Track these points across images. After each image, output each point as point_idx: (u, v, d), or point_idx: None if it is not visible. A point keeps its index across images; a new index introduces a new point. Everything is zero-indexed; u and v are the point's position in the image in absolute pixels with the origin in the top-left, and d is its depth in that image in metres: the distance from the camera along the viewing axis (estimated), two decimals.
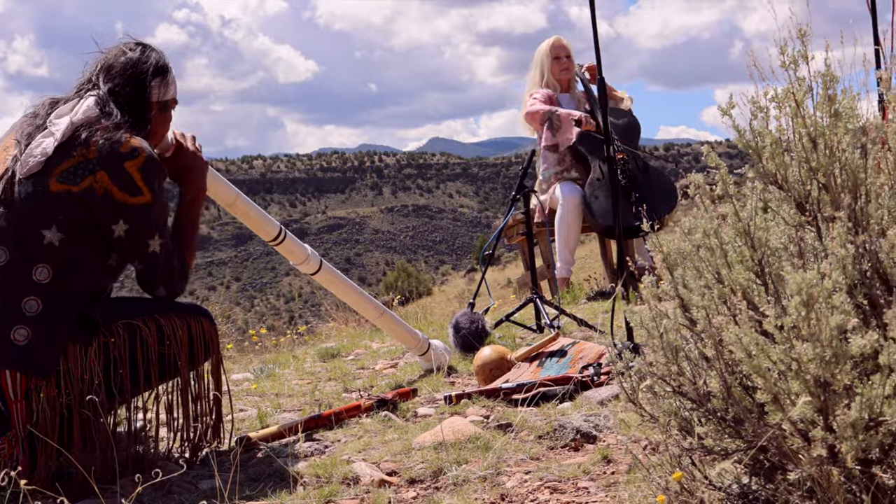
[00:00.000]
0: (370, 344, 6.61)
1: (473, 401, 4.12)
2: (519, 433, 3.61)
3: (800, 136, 2.07)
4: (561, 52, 7.50)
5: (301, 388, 5.02)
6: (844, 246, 1.97)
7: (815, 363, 1.83)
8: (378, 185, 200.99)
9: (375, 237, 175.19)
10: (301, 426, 3.78)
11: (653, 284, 2.41)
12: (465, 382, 4.84)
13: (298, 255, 4.41)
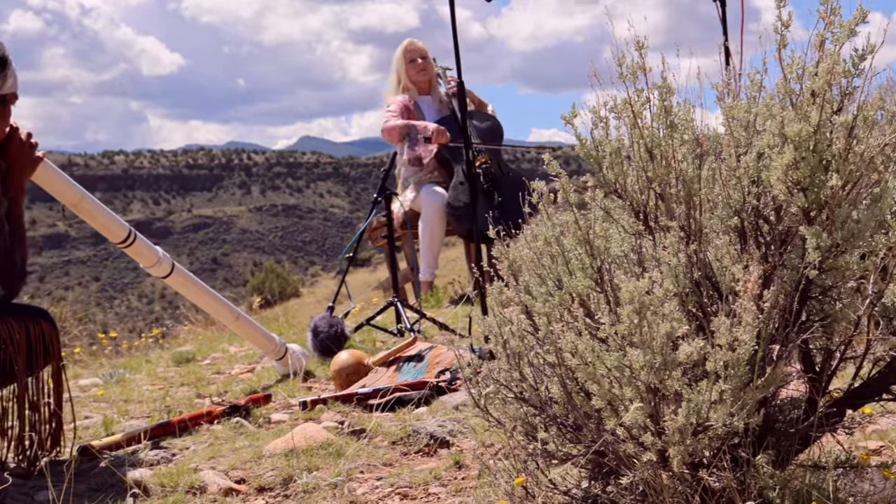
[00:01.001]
0: (228, 348, 6.54)
1: (329, 406, 4.12)
2: (373, 439, 3.63)
3: (637, 146, 2.14)
4: (415, 55, 7.52)
5: (152, 394, 4.94)
6: (677, 255, 2.05)
7: (645, 370, 1.90)
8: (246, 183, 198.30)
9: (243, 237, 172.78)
10: (147, 433, 3.72)
11: (499, 291, 2.46)
12: (322, 387, 4.84)
13: (149, 258, 4.34)
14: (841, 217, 1.99)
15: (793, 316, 2.05)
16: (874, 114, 2.04)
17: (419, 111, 7.41)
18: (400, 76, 7.52)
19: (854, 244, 2.03)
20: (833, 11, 1.96)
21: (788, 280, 2.08)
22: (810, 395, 2.30)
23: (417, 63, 7.50)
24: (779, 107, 2.00)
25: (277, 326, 7.37)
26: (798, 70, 1.98)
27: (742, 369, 1.90)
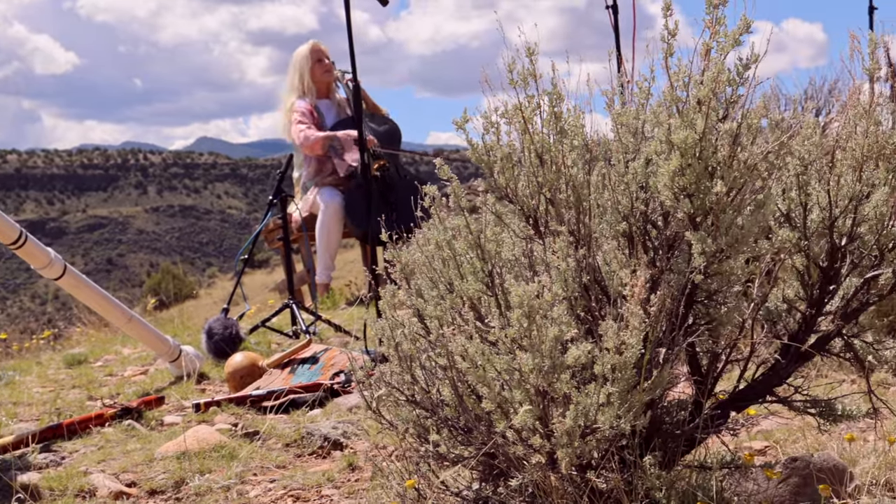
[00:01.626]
0: (121, 349, 6.40)
1: (223, 408, 4.06)
2: (266, 441, 3.58)
3: (528, 151, 2.14)
4: (322, 55, 7.46)
5: (42, 397, 4.80)
6: (566, 259, 2.05)
7: (534, 373, 1.90)
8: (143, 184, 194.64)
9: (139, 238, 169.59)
10: (36, 436, 3.61)
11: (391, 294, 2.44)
12: (216, 389, 4.76)
13: (40, 260, 4.22)
14: (725, 223, 2.02)
15: (679, 320, 2.07)
16: (758, 122, 2.07)
17: (319, 114, 7.34)
18: (303, 76, 7.42)
19: (738, 249, 2.06)
20: (718, 21, 1.99)
21: (675, 284, 2.10)
22: (697, 397, 2.33)
23: (325, 63, 7.43)
24: (666, 114, 2.02)
25: (172, 328, 7.24)
26: (684, 78, 2.00)
27: (629, 372, 1.91)
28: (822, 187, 2.28)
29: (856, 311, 2.37)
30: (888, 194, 2.26)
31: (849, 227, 2.29)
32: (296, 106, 7.34)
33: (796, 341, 2.36)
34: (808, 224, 2.31)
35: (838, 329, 2.37)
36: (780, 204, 2.31)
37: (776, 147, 2.03)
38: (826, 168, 2.28)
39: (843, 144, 2.29)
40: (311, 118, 7.27)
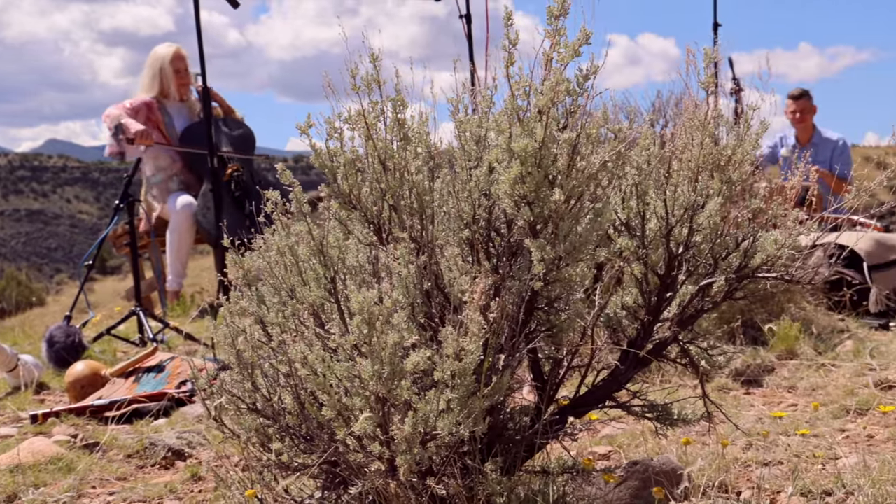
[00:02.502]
0: None
1: (62, 419, 3.94)
2: (107, 452, 3.48)
3: (371, 158, 2.14)
4: (181, 66, 7.31)
5: None
6: (407, 266, 2.06)
7: (374, 380, 1.90)
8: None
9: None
10: None
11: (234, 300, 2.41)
12: (56, 400, 4.61)
13: None
14: (564, 230, 2.05)
15: (519, 326, 2.10)
16: (597, 131, 2.12)
17: (167, 116, 7.19)
18: (157, 78, 7.25)
19: (577, 257, 2.10)
20: (559, 32, 2.02)
21: (516, 291, 2.13)
22: (538, 402, 2.37)
23: (182, 75, 7.29)
24: (507, 122, 2.05)
25: (13, 336, 6.98)
26: (525, 87, 2.03)
27: (469, 378, 1.93)
28: (659, 197, 2.34)
29: (691, 317, 2.45)
30: (722, 204, 2.34)
31: (685, 235, 2.36)
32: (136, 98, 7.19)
33: (635, 347, 2.42)
34: (647, 232, 2.37)
35: (675, 335, 2.44)
36: (620, 212, 2.37)
37: (613, 156, 2.08)
38: (663, 178, 2.34)
39: (680, 155, 2.36)
40: (147, 111, 7.11)
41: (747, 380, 4.32)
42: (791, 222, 2.37)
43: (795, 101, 8.18)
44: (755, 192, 2.43)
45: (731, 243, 2.39)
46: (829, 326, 5.31)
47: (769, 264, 2.38)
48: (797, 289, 5.14)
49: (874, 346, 4.93)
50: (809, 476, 2.80)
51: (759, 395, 4.08)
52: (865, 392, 3.94)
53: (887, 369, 4.35)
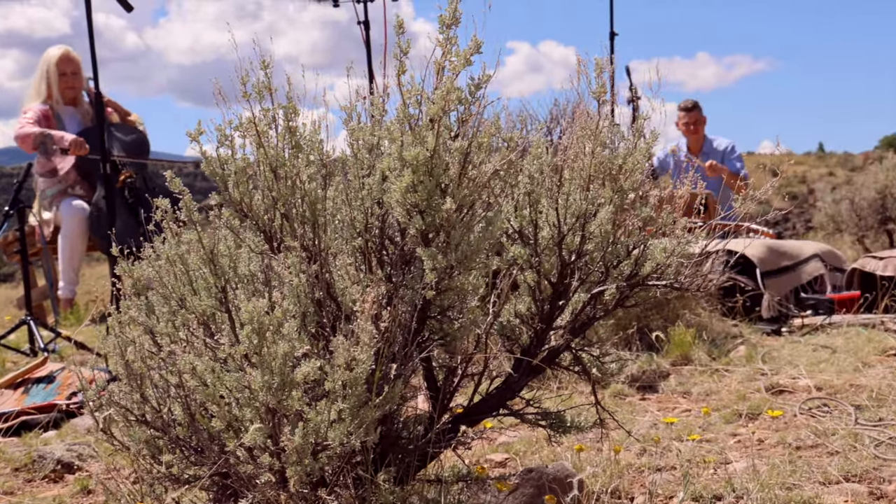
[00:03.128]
0: None
1: None
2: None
3: (262, 165, 2.13)
4: (68, 69, 7.15)
5: None
6: (298, 275, 2.05)
7: (264, 391, 1.88)
8: None
9: None
10: None
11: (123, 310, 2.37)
12: None
13: None
14: (456, 239, 2.06)
15: (412, 335, 2.10)
16: (488, 140, 2.13)
17: (59, 121, 7.04)
18: (50, 84, 7.10)
19: (469, 266, 2.11)
20: (450, 41, 2.03)
21: (409, 300, 2.13)
22: (432, 411, 2.37)
23: (68, 78, 7.13)
24: (399, 131, 2.05)
25: None
26: (417, 96, 2.03)
27: (360, 388, 1.93)
28: (551, 206, 2.37)
29: (584, 325, 2.47)
30: (613, 213, 2.38)
31: (577, 244, 2.38)
32: (29, 106, 7.04)
33: (528, 355, 2.44)
34: (539, 241, 2.40)
35: (567, 343, 2.47)
36: (513, 221, 2.39)
37: (505, 165, 2.10)
38: (555, 187, 2.37)
39: (572, 164, 2.39)
40: (45, 122, 6.97)
41: (643, 385, 4.39)
42: (679, 230, 2.41)
43: (688, 113, 8.35)
44: (647, 200, 2.47)
45: (623, 251, 2.43)
46: (723, 332, 5.43)
47: (659, 272, 2.42)
48: (692, 295, 5.25)
49: (766, 351, 5.05)
50: (701, 481, 2.86)
51: (654, 401, 4.15)
52: (757, 397, 4.04)
53: (778, 374, 4.47)
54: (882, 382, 4.08)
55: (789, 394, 4.15)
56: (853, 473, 2.89)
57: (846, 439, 3.26)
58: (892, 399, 3.82)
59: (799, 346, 5.27)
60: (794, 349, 5.16)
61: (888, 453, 3.09)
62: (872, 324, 5.58)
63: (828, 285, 6.60)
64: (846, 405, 3.77)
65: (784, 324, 5.94)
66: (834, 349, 5.00)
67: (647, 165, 2.44)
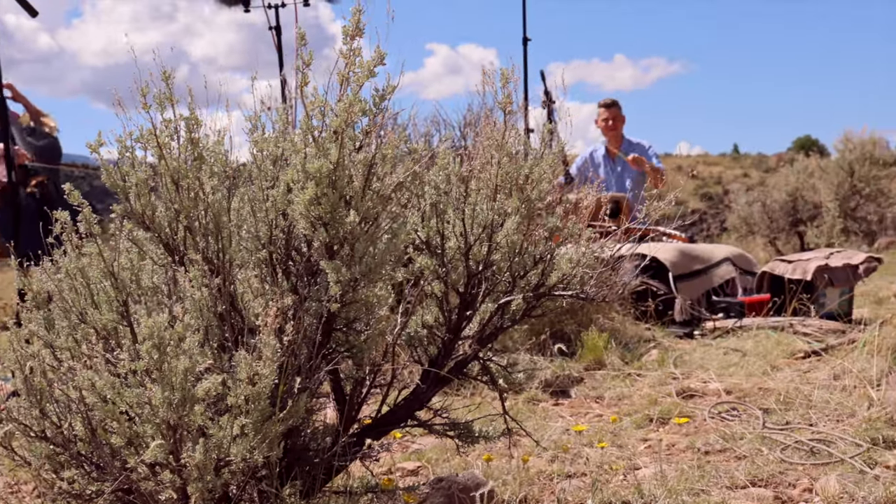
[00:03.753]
0: None
1: None
2: None
3: (164, 177, 2.10)
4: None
5: None
6: (201, 288, 2.03)
7: (164, 406, 1.86)
8: None
9: None
10: None
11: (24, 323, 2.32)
12: None
13: None
14: (360, 252, 2.06)
15: (317, 348, 2.09)
16: (393, 152, 2.13)
17: None
18: None
19: (373, 278, 2.10)
20: (354, 52, 2.03)
21: (315, 312, 2.12)
22: (339, 424, 2.36)
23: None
24: (302, 143, 2.04)
25: None
26: (320, 107, 2.03)
27: (263, 403, 1.91)
28: (458, 216, 2.37)
29: (491, 335, 2.49)
30: (520, 223, 2.39)
31: (484, 254, 2.40)
32: None
33: (436, 366, 2.45)
34: (446, 251, 2.40)
35: (475, 353, 2.48)
36: (420, 232, 2.39)
37: (409, 177, 2.10)
38: (462, 197, 2.38)
39: (478, 174, 2.40)
40: None
41: (556, 391, 4.42)
42: (585, 240, 2.44)
43: (607, 110, 8.38)
44: (553, 210, 2.49)
45: (530, 261, 2.45)
46: (637, 336, 5.50)
47: (565, 282, 2.44)
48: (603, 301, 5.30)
49: (678, 354, 5.13)
50: (610, 487, 2.89)
51: (567, 406, 4.18)
52: (668, 401, 4.09)
53: (689, 378, 4.54)
54: (789, 386, 4.16)
55: (700, 398, 4.21)
56: (759, 478, 2.95)
57: (753, 443, 3.32)
58: (799, 402, 3.90)
59: (710, 349, 5.36)
60: (706, 352, 5.25)
61: (794, 457, 3.15)
62: (781, 326, 5.69)
63: (739, 288, 6.72)
64: (754, 409, 3.85)
65: (696, 327, 6.03)
66: (744, 352, 5.10)
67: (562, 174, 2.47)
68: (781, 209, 14.78)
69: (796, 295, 6.20)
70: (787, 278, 6.41)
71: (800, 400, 3.94)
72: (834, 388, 4.10)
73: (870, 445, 3.22)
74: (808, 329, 5.67)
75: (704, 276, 6.51)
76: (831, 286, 6.32)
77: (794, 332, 5.61)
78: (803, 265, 6.43)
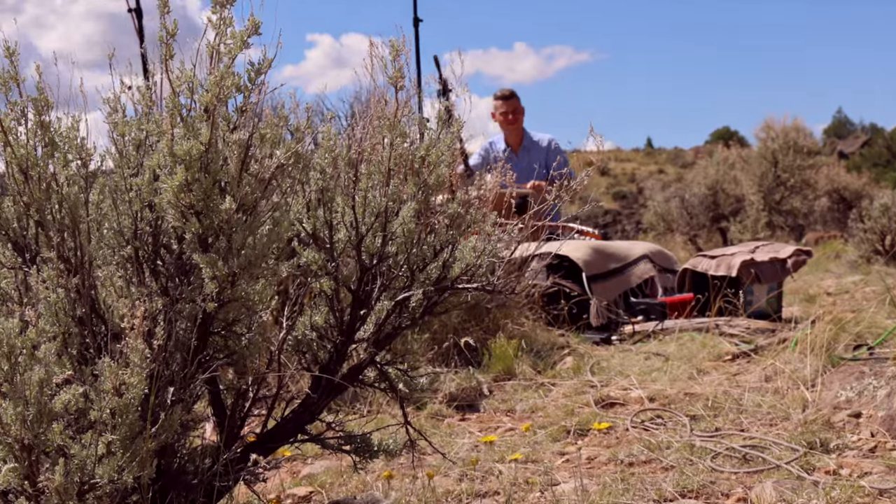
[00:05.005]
0: None
1: None
2: None
3: (10, 167, 2.05)
4: None
5: None
6: (56, 290, 1.99)
7: (17, 424, 1.81)
8: None
9: None
10: None
11: None
12: None
13: None
14: (238, 243, 2.04)
15: (192, 354, 2.07)
16: (272, 131, 2.12)
17: None
18: None
19: (254, 273, 2.08)
20: (225, 22, 2.01)
21: (189, 314, 2.09)
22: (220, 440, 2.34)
23: None
24: (170, 123, 2.01)
25: None
26: (188, 82, 2.00)
27: (132, 417, 1.88)
28: (347, 203, 2.37)
29: (389, 336, 2.49)
30: (417, 210, 2.40)
31: (378, 246, 2.39)
32: None
33: (328, 372, 2.44)
34: (336, 244, 2.40)
35: (372, 357, 2.47)
36: (305, 222, 2.38)
37: (291, 158, 2.09)
38: (351, 183, 2.37)
39: (369, 157, 2.40)
40: None
41: (462, 405, 4.43)
42: (490, 227, 2.45)
43: (505, 102, 8.41)
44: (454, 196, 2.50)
45: (430, 253, 2.45)
46: (549, 343, 5.54)
47: (469, 274, 2.46)
48: (514, 304, 5.34)
49: (595, 361, 5.19)
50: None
51: (475, 421, 4.20)
52: (586, 411, 4.14)
53: (608, 385, 4.59)
54: (717, 390, 4.25)
55: (621, 406, 4.27)
56: (689, 489, 2.99)
57: (681, 452, 3.37)
58: (728, 407, 3.98)
59: (630, 354, 5.44)
60: (626, 358, 5.32)
61: (725, 465, 3.21)
62: (706, 328, 5.80)
63: (659, 288, 6.82)
64: (681, 416, 3.91)
65: (614, 331, 6.10)
66: (667, 357, 5.18)
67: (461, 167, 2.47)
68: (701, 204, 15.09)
69: (721, 293, 6.32)
70: (710, 275, 6.53)
71: (729, 404, 4.02)
72: (765, 391, 4.19)
73: (806, 450, 3.29)
74: (736, 329, 5.79)
75: (621, 276, 6.59)
76: (758, 282, 6.46)
77: (720, 332, 5.72)
78: (728, 260, 6.56)
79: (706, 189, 15.03)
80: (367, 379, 2.58)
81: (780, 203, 14.67)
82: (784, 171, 14.71)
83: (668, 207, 15.46)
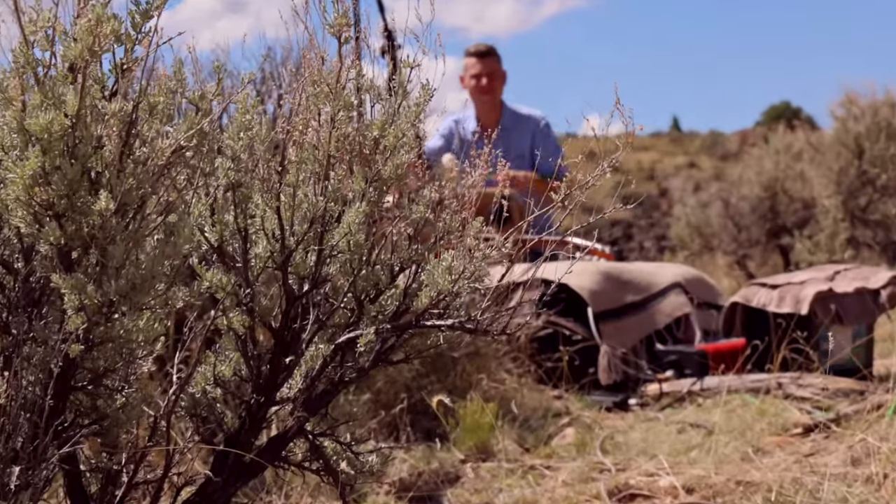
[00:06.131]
0: None
1: None
2: None
3: None
4: None
5: None
6: None
7: None
8: None
9: None
10: None
11: None
12: None
13: None
14: (118, 259, 2.05)
15: (46, 419, 2.07)
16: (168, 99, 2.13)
17: None
18: None
19: (139, 301, 2.09)
20: None
21: (41, 361, 2.10)
22: None
23: None
24: (19, 87, 2.02)
25: None
26: (47, 29, 2.02)
27: None
28: (269, 204, 2.38)
29: (326, 393, 2.50)
30: (368, 214, 2.41)
31: (312, 265, 2.41)
32: None
33: (238, 446, 2.45)
34: (252, 262, 2.41)
35: (300, 424, 2.48)
36: (209, 231, 2.39)
37: (193, 139, 2.11)
38: (275, 175, 2.38)
39: (301, 139, 2.41)
40: None
41: (420, 496, 4.43)
42: (473, 239, 2.47)
43: (481, 60, 8.25)
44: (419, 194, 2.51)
45: (385, 275, 2.47)
46: (541, 407, 5.54)
47: (442, 306, 2.47)
48: (491, 352, 5.33)
49: (607, 434, 5.20)
50: None
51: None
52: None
53: (626, 469, 4.60)
54: (784, 477, 4.27)
55: (645, 500, 4.28)
56: None
57: None
58: (801, 502, 4.00)
59: (657, 425, 5.45)
60: (650, 430, 5.34)
61: None
62: (765, 388, 5.80)
63: (697, 331, 6.77)
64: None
65: (633, 392, 6.09)
66: (710, 429, 5.19)
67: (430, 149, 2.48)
68: (753, 211, 15.02)
69: (787, 338, 6.30)
70: (770, 312, 6.49)
71: (802, 498, 4.04)
72: (853, 479, 4.22)
73: None
74: (808, 391, 5.80)
75: (643, 313, 6.55)
76: (839, 323, 6.44)
77: (785, 395, 5.73)
78: (795, 291, 6.54)
79: (760, 190, 14.91)
80: (294, 456, 2.59)
81: (866, 210, 14.54)
82: (872, 164, 14.51)
83: (704, 216, 15.39)
